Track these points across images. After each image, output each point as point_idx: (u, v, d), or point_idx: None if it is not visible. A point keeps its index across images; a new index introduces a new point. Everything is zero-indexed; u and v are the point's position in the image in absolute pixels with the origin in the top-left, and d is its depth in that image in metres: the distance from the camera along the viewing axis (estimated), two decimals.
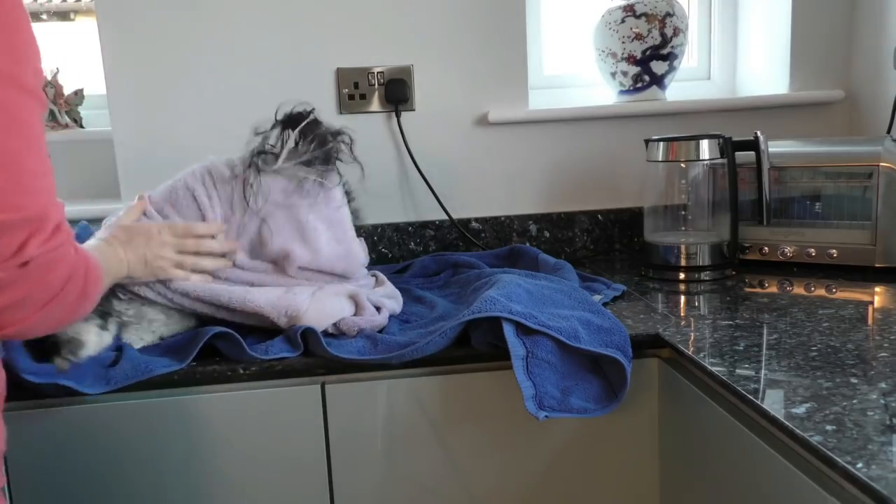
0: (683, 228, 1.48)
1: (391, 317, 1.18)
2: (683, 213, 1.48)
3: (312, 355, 1.07)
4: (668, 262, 1.43)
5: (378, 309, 1.16)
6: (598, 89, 1.75)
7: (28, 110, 0.71)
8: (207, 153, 1.56)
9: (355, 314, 1.13)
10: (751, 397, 0.84)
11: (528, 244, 1.63)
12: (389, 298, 1.21)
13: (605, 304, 1.23)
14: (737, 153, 1.40)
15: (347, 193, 1.26)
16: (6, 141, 0.69)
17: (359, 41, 1.57)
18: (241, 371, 1.05)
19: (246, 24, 1.55)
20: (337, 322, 1.11)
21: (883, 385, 0.84)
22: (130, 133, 1.55)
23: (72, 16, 2.01)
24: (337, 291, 1.15)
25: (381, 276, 1.30)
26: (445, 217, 1.62)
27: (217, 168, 1.22)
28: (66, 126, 1.73)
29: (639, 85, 1.66)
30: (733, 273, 1.41)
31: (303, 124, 1.20)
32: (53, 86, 1.73)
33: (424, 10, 1.58)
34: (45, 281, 0.74)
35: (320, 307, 1.10)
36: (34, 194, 0.72)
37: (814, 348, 0.98)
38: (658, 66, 1.64)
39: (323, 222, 1.18)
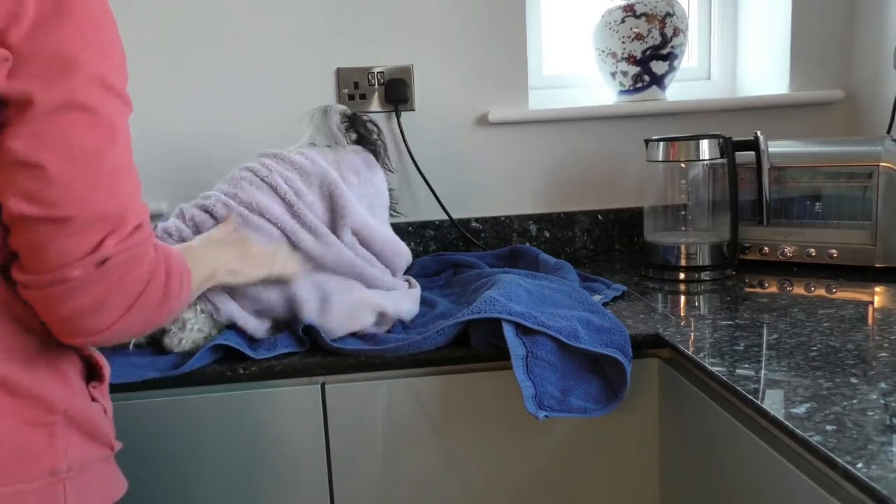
0: (683, 228, 1.48)
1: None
2: (683, 213, 1.48)
3: (316, 350, 1.07)
4: (668, 262, 1.43)
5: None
6: (598, 89, 1.75)
7: (114, 110, 0.72)
8: (207, 153, 1.56)
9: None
10: (751, 397, 0.84)
11: (528, 244, 1.63)
12: (409, 306, 1.20)
13: (605, 304, 1.23)
14: (737, 153, 1.40)
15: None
16: (87, 138, 0.70)
17: (359, 41, 1.57)
18: (241, 371, 1.05)
19: (246, 25, 1.55)
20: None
21: (883, 385, 0.84)
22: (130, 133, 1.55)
23: None
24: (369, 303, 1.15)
25: (414, 281, 1.30)
26: (445, 217, 1.62)
27: (283, 155, 1.20)
28: None
29: (639, 85, 1.66)
30: (733, 273, 1.41)
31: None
32: None
33: (424, 9, 1.58)
34: (123, 281, 0.72)
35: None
36: (113, 192, 0.72)
37: (814, 348, 0.98)
38: (658, 66, 1.64)
39: (383, 207, 1.25)
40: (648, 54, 1.63)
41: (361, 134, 1.29)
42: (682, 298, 1.32)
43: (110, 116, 0.72)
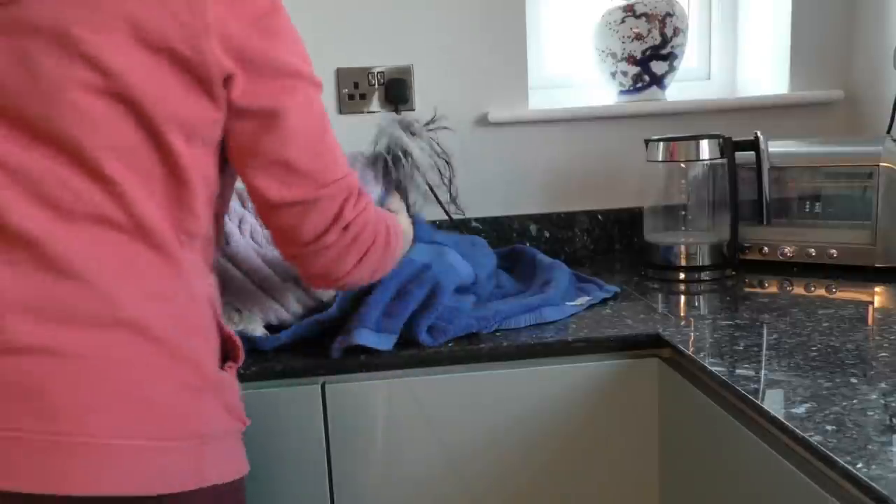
0: (683, 228, 1.48)
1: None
2: (683, 213, 1.48)
3: (318, 350, 1.08)
4: (667, 262, 1.43)
5: None
6: (598, 89, 1.75)
7: (320, 99, 0.87)
8: None
9: None
10: (751, 397, 0.84)
11: (528, 244, 1.63)
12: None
13: (593, 306, 1.24)
14: (737, 153, 1.40)
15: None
16: (314, 130, 0.85)
17: (359, 41, 1.57)
18: (242, 371, 1.05)
19: None
20: None
21: (883, 385, 0.84)
22: None
23: None
24: None
25: None
26: (445, 217, 1.62)
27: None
28: None
29: (639, 85, 1.66)
30: (733, 273, 1.41)
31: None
32: None
33: (424, 9, 1.58)
34: (359, 239, 0.90)
35: None
36: (341, 166, 0.88)
37: (814, 348, 0.98)
38: (658, 66, 1.64)
39: None
40: (648, 54, 1.63)
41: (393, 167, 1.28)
42: (682, 298, 1.32)
43: (320, 106, 0.87)
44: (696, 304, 1.28)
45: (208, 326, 0.84)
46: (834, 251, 1.37)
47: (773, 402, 0.82)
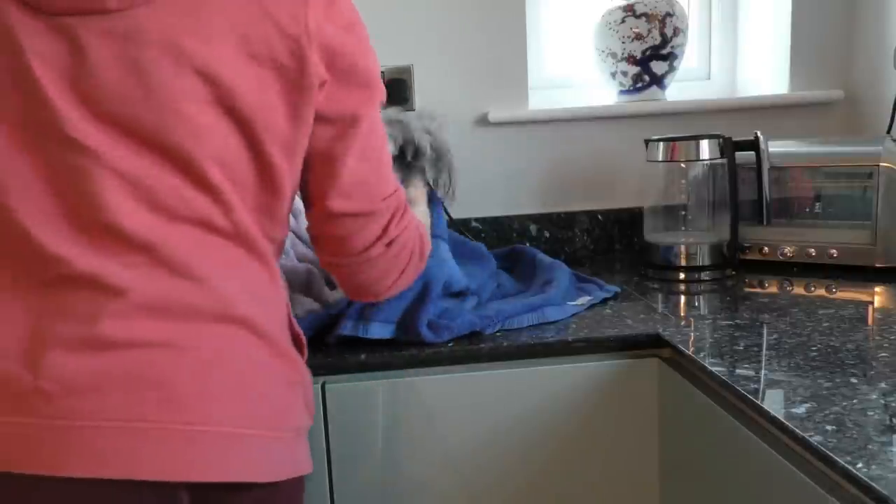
0: (683, 228, 1.48)
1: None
2: (683, 213, 1.48)
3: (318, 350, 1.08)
4: (667, 262, 1.43)
5: None
6: (598, 89, 1.75)
7: (376, 110, 0.87)
8: None
9: None
10: (751, 397, 0.84)
11: (528, 244, 1.63)
12: None
13: (593, 305, 1.24)
14: (737, 153, 1.40)
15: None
16: (382, 138, 0.88)
17: None
18: None
19: None
20: None
21: (883, 385, 0.84)
22: None
23: None
24: None
25: None
26: (445, 217, 1.62)
27: None
28: None
29: (639, 85, 1.66)
30: (733, 273, 1.41)
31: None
32: None
33: (424, 9, 1.58)
34: (401, 255, 0.92)
35: None
36: (392, 183, 0.90)
37: (814, 348, 0.98)
38: (658, 66, 1.64)
39: None
40: (648, 54, 1.63)
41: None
42: (682, 298, 1.32)
43: (379, 119, 0.88)
44: (696, 304, 1.28)
45: (288, 325, 0.88)
46: (834, 251, 1.37)
47: (773, 402, 0.82)
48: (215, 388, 0.75)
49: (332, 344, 1.09)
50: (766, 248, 1.43)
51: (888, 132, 1.50)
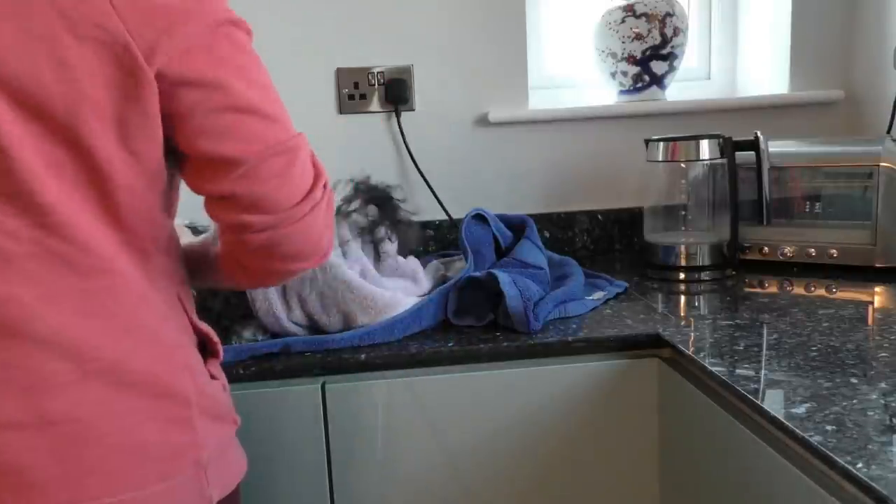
0: (683, 228, 1.48)
1: None
2: (683, 213, 1.48)
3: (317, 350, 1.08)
4: (668, 262, 1.43)
5: None
6: (598, 89, 1.75)
7: (247, 42, 0.76)
8: None
9: None
10: (751, 397, 0.84)
11: None
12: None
13: (607, 301, 1.25)
14: (737, 153, 1.40)
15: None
16: (264, 72, 0.77)
17: (359, 41, 1.57)
18: (241, 371, 1.05)
19: None
20: None
21: (883, 385, 0.84)
22: None
23: None
24: None
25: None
26: (445, 217, 1.62)
27: None
28: None
29: (639, 85, 1.66)
30: (733, 273, 1.41)
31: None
32: None
33: (424, 10, 1.58)
34: (333, 203, 0.83)
35: None
36: (290, 120, 0.78)
37: (814, 348, 0.98)
38: (658, 66, 1.64)
39: None
40: (648, 54, 1.63)
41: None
42: (682, 298, 1.32)
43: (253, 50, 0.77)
44: (696, 304, 1.28)
45: (184, 335, 0.79)
46: (834, 251, 1.37)
47: (773, 402, 0.82)
48: (85, 461, 0.68)
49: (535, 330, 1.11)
50: (766, 248, 1.43)
51: (888, 132, 1.50)
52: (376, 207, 1.22)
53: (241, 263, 0.82)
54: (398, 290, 1.16)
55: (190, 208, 0.90)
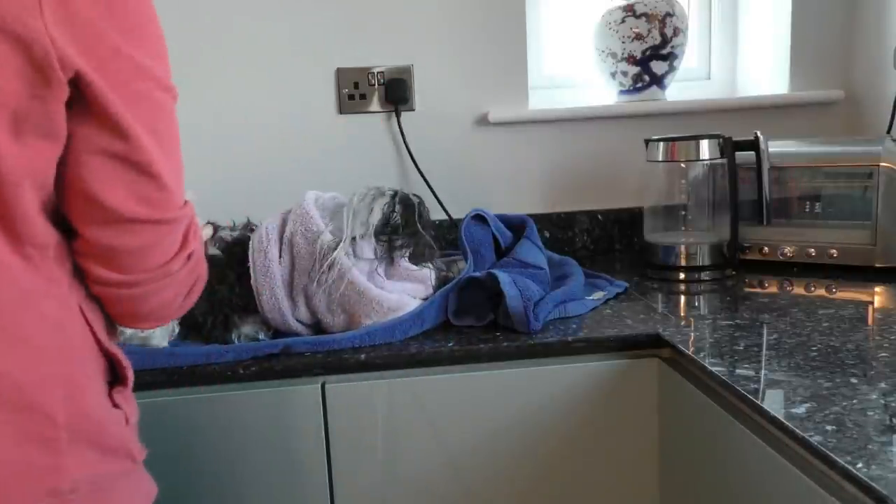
0: (683, 228, 1.48)
1: None
2: (683, 213, 1.48)
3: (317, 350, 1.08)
4: (668, 262, 1.43)
5: None
6: (598, 89, 1.75)
7: (171, 108, 0.74)
8: (205, 154, 1.56)
9: None
10: (751, 397, 0.84)
11: None
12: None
13: (607, 301, 1.25)
14: (737, 153, 1.40)
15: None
16: (173, 145, 0.74)
17: (359, 41, 1.57)
18: (241, 371, 1.05)
19: (245, 24, 1.55)
20: None
21: (883, 385, 0.84)
22: None
23: None
24: None
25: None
26: (445, 217, 1.62)
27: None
28: None
29: (639, 85, 1.66)
30: (733, 273, 1.41)
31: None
32: None
33: (424, 9, 1.58)
34: (195, 271, 0.80)
35: None
36: (183, 190, 0.76)
37: (814, 348, 0.98)
38: (658, 66, 1.64)
39: None
40: (648, 54, 1.63)
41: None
42: (682, 298, 1.32)
43: (173, 116, 0.75)
44: (696, 304, 1.28)
45: (76, 350, 0.72)
46: (834, 251, 1.37)
47: (773, 402, 0.82)
48: None
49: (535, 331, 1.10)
50: (766, 248, 1.43)
51: (888, 132, 1.50)
52: (403, 213, 1.20)
53: None
54: (405, 292, 1.16)
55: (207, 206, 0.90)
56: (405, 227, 1.18)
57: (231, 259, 1.14)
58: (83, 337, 0.73)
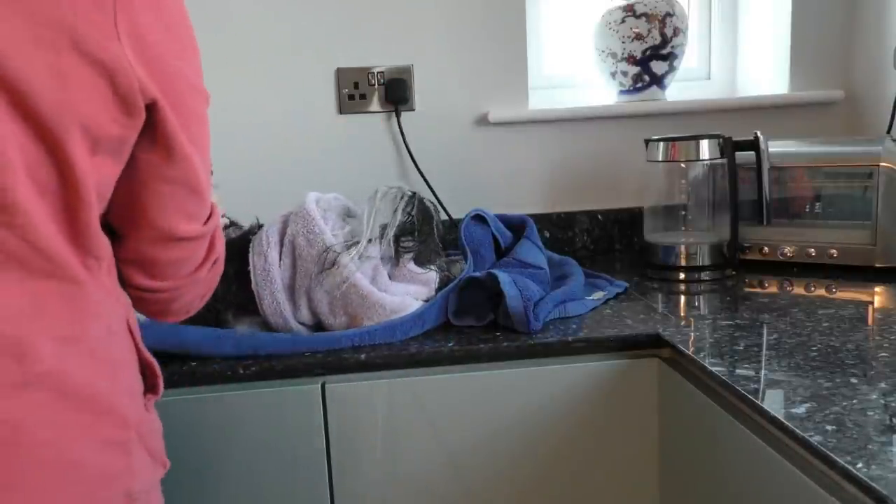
0: (683, 228, 1.48)
1: None
2: (683, 213, 1.48)
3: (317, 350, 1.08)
4: (668, 262, 1.43)
5: None
6: (598, 89, 1.75)
7: (206, 115, 0.77)
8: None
9: None
10: (751, 397, 0.84)
11: None
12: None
13: (607, 301, 1.25)
14: (737, 153, 1.40)
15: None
16: (209, 149, 0.77)
17: (359, 41, 1.57)
18: (241, 371, 1.05)
19: (245, 24, 1.55)
20: None
21: (883, 385, 0.84)
22: None
23: None
24: None
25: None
26: (445, 217, 1.62)
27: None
28: None
29: (639, 85, 1.66)
30: (733, 273, 1.41)
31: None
32: None
33: (424, 9, 1.58)
34: (219, 271, 0.86)
35: None
36: (210, 196, 0.79)
37: (814, 348, 0.98)
38: (658, 66, 1.64)
39: None
40: (648, 54, 1.63)
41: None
42: (682, 298, 1.32)
43: (207, 125, 0.78)
44: (696, 304, 1.28)
45: (129, 358, 0.76)
46: (834, 251, 1.37)
47: (773, 402, 0.82)
48: (8, 473, 0.63)
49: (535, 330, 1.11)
50: (766, 248, 1.43)
51: (888, 132, 1.50)
52: (421, 217, 1.20)
53: None
54: (408, 294, 1.16)
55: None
56: (419, 231, 1.18)
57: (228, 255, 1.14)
58: (131, 345, 0.77)
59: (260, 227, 1.20)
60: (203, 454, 1.07)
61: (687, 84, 1.77)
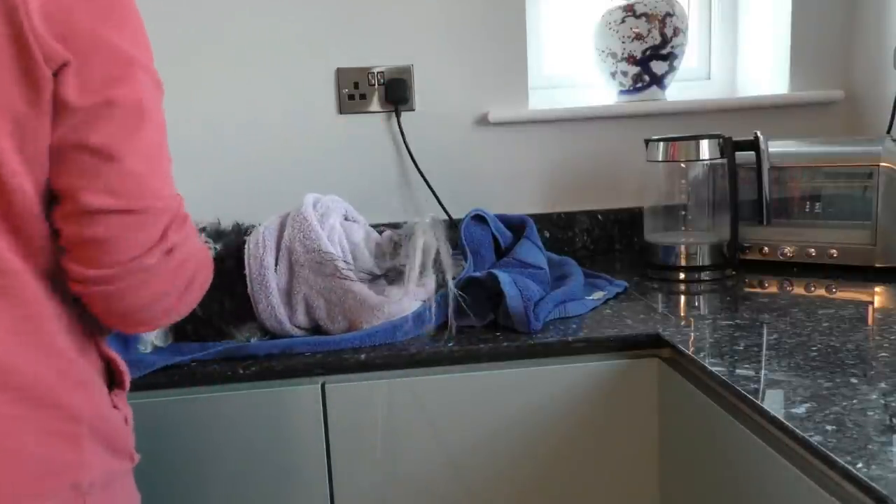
0: (683, 228, 1.48)
1: None
2: (683, 213, 1.48)
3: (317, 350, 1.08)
4: (668, 262, 1.43)
5: None
6: (598, 89, 1.75)
7: (158, 101, 0.74)
8: (205, 154, 1.56)
9: None
10: (751, 397, 0.84)
11: None
12: None
13: (607, 301, 1.25)
14: (737, 153, 1.40)
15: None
16: (151, 133, 0.72)
17: (359, 41, 1.57)
18: (241, 371, 1.05)
19: (245, 24, 1.54)
20: None
21: (883, 385, 0.84)
22: None
23: None
24: None
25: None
26: (445, 217, 1.62)
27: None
28: None
29: (639, 85, 1.66)
30: (733, 273, 1.41)
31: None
32: None
33: (424, 9, 1.58)
34: (184, 268, 0.76)
35: None
36: (170, 183, 0.75)
37: (814, 348, 0.98)
38: (658, 66, 1.64)
39: None
40: (648, 54, 1.63)
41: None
42: (682, 298, 1.32)
43: (159, 108, 0.74)
44: (696, 304, 1.28)
45: (82, 353, 0.75)
46: (834, 251, 1.37)
47: (773, 402, 0.82)
48: None
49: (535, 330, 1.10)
50: (766, 248, 1.43)
51: (888, 132, 1.50)
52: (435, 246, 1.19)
53: None
54: (406, 296, 1.16)
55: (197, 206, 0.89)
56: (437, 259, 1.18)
57: (223, 270, 1.12)
58: (88, 339, 0.75)
59: (248, 229, 1.19)
60: (203, 454, 1.07)
61: (687, 84, 1.77)
